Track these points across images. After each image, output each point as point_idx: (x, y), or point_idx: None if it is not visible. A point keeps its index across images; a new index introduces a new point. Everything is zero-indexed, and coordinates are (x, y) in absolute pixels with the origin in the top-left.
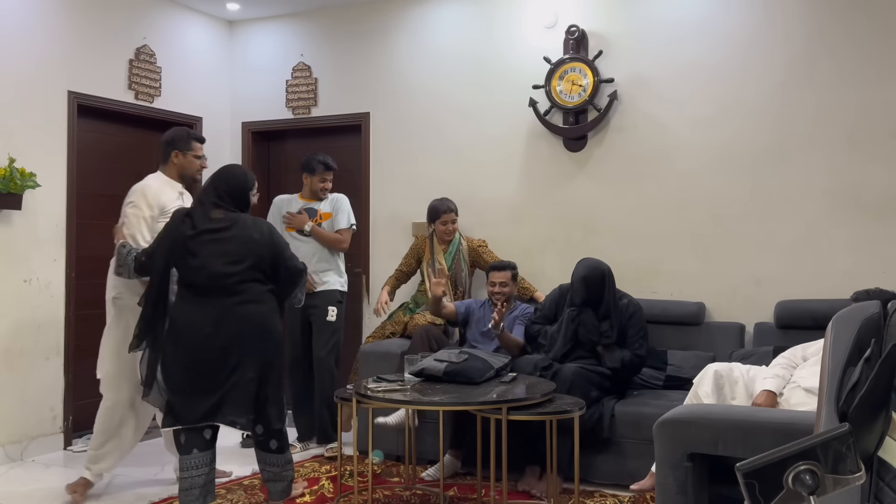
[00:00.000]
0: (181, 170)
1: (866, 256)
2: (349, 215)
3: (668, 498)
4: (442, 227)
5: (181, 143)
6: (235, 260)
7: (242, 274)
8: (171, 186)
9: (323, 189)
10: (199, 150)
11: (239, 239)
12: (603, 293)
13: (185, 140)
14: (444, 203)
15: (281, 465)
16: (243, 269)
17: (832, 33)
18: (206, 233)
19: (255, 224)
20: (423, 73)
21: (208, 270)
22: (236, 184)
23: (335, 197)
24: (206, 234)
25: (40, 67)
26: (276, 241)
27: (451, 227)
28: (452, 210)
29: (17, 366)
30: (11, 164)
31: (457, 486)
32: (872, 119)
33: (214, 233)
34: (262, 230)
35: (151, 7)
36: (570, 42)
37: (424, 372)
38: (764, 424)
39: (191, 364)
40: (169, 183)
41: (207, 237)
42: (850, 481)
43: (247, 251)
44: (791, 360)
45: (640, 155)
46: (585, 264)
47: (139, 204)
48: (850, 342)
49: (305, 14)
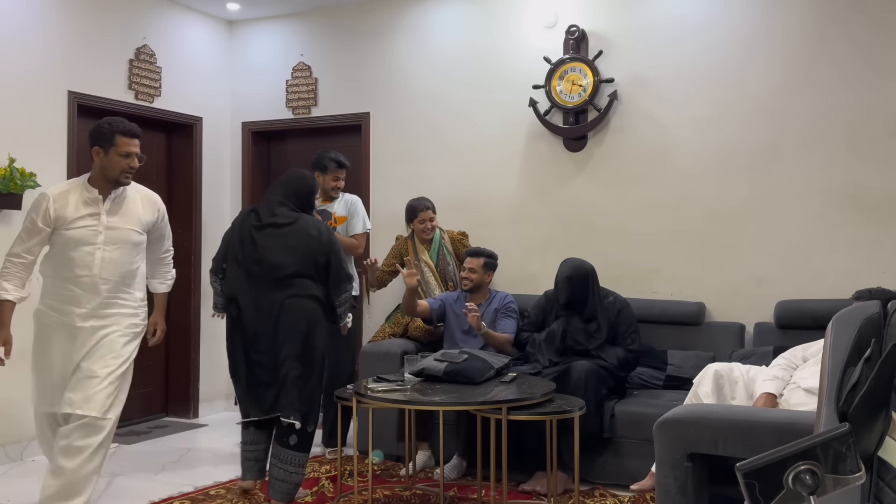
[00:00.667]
0: (103, 171)
1: (866, 256)
2: (364, 219)
3: (668, 498)
4: (420, 226)
5: (102, 138)
6: (291, 254)
7: (296, 267)
8: (79, 194)
9: (335, 188)
10: (125, 146)
11: (298, 235)
12: (587, 293)
13: (108, 134)
14: (422, 202)
15: (294, 464)
16: (298, 264)
17: (832, 34)
18: (269, 226)
19: (315, 224)
20: (423, 73)
21: (268, 261)
22: (304, 186)
23: (349, 199)
24: (269, 227)
25: (40, 67)
26: (332, 243)
27: (430, 224)
28: (430, 208)
29: (17, 366)
30: (11, 164)
31: (457, 486)
32: (872, 119)
33: (277, 227)
34: (321, 230)
35: (151, 7)
36: (570, 42)
37: (424, 372)
38: (764, 424)
39: (247, 354)
40: (79, 188)
41: (270, 230)
42: (850, 481)
43: (305, 248)
44: (791, 360)
45: (640, 155)
46: (569, 264)
47: (30, 215)
48: (850, 342)
49: (305, 14)
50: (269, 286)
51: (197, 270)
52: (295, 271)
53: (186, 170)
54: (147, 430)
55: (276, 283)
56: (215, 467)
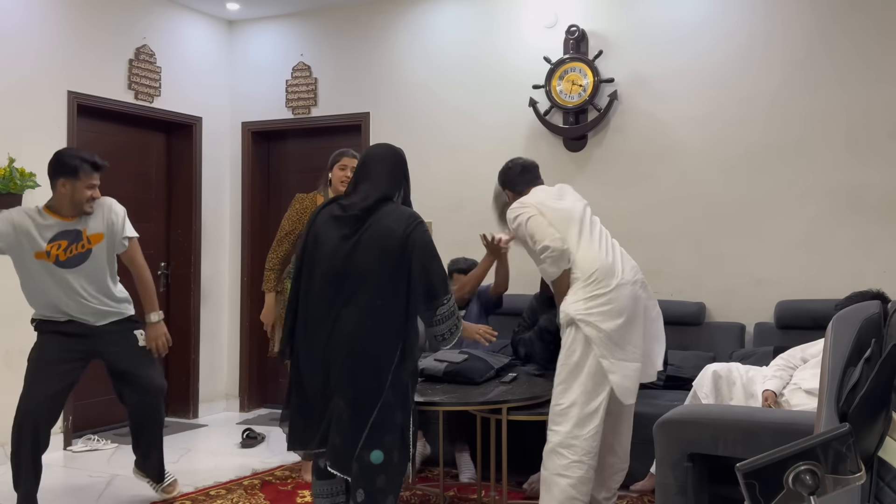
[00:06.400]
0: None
1: (866, 256)
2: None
3: (668, 498)
4: (340, 173)
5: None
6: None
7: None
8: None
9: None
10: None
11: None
12: None
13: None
14: (347, 150)
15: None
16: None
17: (832, 34)
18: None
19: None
20: (423, 72)
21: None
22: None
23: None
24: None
25: (40, 67)
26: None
27: (350, 172)
28: (356, 156)
29: (17, 366)
30: (11, 164)
31: (457, 486)
32: (872, 120)
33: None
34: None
35: (151, 7)
36: (570, 42)
37: (424, 372)
38: (764, 424)
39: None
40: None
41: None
42: (850, 481)
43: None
44: (789, 360)
45: (640, 155)
46: None
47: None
48: (851, 342)
49: (305, 14)
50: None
51: (197, 270)
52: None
53: (186, 170)
54: None
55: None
56: (215, 467)
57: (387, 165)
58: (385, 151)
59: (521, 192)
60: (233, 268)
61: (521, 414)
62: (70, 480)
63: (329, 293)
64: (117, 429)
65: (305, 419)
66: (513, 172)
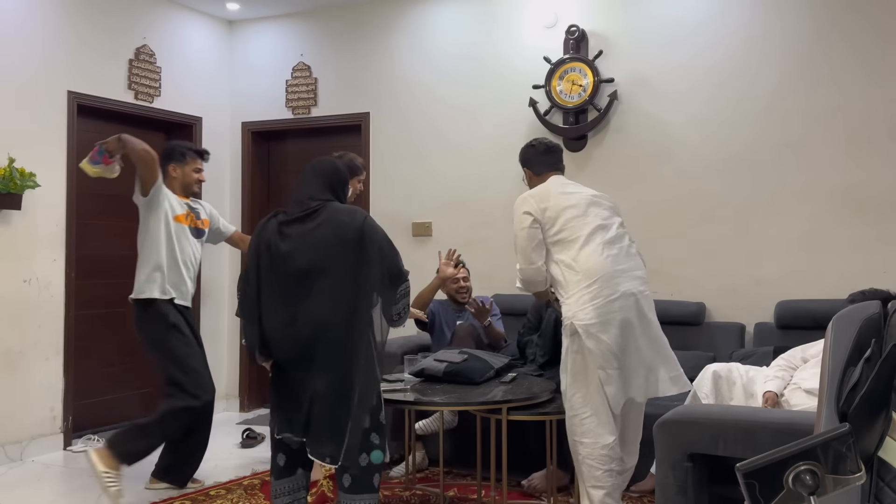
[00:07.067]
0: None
1: (866, 257)
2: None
3: (668, 498)
4: (358, 185)
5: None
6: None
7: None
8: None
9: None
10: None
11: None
12: None
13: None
14: (361, 162)
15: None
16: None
17: (831, 34)
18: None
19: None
20: (423, 72)
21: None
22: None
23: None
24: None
25: (41, 67)
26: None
27: (360, 187)
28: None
29: (17, 366)
30: (11, 164)
31: (457, 486)
32: (872, 119)
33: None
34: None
35: (151, 7)
36: (570, 42)
37: (424, 372)
38: (764, 424)
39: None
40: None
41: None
42: (850, 481)
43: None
44: (790, 361)
45: (640, 155)
46: None
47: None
48: (850, 342)
49: (305, 14)
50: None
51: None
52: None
53: None
54: None
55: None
56: (215, 467)
57: (325, 175)
58: (325, 165)
59: (539, 174)
60: (233, 268)
61: (521, 414)
62: (70, 480)
63: (293, 290)
64: (117, 429)
65: (287, 410)
66: (535, 151)
